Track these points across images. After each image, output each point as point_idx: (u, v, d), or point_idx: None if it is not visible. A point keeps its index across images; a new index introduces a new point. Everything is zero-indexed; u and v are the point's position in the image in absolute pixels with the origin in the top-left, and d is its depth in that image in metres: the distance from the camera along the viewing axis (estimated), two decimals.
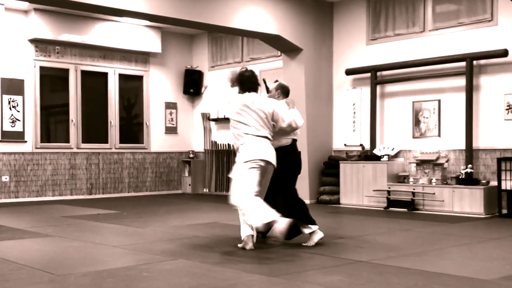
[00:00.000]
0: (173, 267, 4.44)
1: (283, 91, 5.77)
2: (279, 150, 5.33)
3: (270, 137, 5.24)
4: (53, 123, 11.26)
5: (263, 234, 5.48)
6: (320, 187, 9.86)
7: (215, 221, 7.38)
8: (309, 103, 9.75)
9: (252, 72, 5.44)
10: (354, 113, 9.94)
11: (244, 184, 5.03)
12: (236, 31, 9.48)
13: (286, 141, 5.52)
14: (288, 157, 5.42)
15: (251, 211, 4.90)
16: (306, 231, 5.37)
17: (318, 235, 5.36)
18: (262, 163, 5.08)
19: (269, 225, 4.83)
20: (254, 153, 5.07)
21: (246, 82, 5.33)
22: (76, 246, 5.49)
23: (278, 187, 5.40)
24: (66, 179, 10.96)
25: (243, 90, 5.31)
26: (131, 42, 11.47)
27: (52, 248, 5.42)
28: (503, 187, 7.79)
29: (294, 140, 5.61)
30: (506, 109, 8.16)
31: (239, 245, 5.26)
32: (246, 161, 5.06)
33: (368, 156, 9.30)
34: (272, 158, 5.16)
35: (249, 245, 5.15)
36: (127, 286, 3.83)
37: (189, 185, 12.28)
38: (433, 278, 4.03)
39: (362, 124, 9.83)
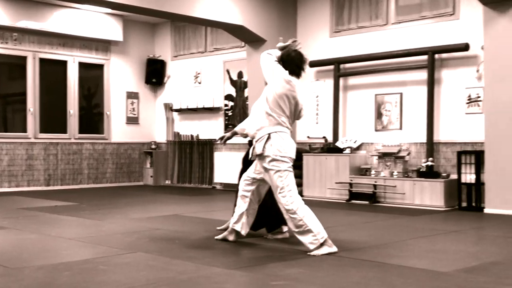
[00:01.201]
0: (131, 260, 4.35)
1: None
2: None
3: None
4: (10, 112, 10.97)
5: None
6: None
7: (176, 213, 7.30)
8: None
9: (299, 54, 4.83)
10: (317, 105, 9.95)
11: (293, 190, 4.63)
12: (199, 21, 9.38)
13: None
14: None
15: (314, 222, 4.60)
16: (284, 229, 5.36)
17: (284, 236, 5.37)
18: (292, 163, 4.75)
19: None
20: (289, 149, 4.67)
21: (290, 63, 4.76)
22: (32, 238, 5.35)
23: None
24: (23, 170, 10.68)
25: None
26: (91, 30, 11.23)
27: (7, 240, 5.26)
28: (462, 180, 7.89)
29: None
30: (467, 103, 8.26)
31: (218, 237, 5.21)
32: (283, 157, 4.63)
33: (330, 148, 9.31)
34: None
35: (232, 237, 5.09)
36: (83, 280, 3.73)
37: (151, 176, 12.12)
38: (392, 270, 4.05)
39: (325, 116, 9.84)
